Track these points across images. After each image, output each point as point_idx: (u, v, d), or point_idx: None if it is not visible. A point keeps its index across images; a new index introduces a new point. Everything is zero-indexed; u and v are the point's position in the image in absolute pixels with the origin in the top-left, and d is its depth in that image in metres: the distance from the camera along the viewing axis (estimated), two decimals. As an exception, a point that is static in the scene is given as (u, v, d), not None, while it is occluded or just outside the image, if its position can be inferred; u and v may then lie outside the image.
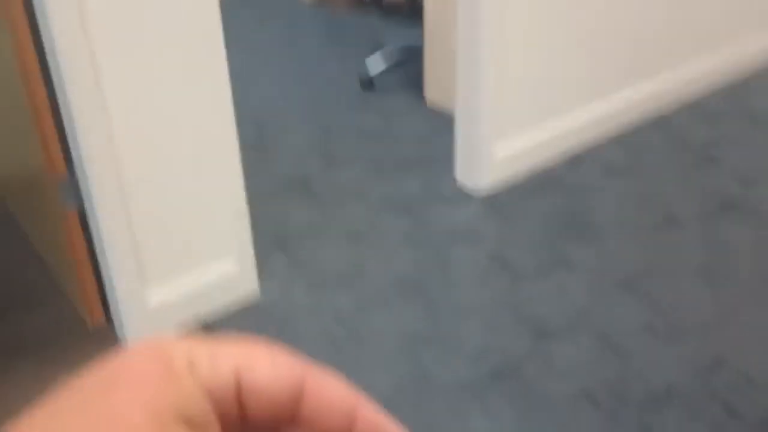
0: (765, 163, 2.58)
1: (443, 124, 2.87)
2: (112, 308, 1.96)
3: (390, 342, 1.96)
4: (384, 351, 1.93)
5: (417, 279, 2.17)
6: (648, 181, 2.53)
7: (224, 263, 2.03)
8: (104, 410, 0.24)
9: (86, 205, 1.80)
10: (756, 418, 1.71)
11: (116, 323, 1.97)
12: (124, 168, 1.76)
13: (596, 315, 2.01)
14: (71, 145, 1.74)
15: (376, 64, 3.14)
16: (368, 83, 3.15)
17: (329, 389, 0.28)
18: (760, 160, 2.60)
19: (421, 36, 2.96)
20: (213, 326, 2.02)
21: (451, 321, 2.01)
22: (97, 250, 1.86)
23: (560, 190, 2.51)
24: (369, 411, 0.29)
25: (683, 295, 2.06)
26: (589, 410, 1.75)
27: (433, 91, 3.00)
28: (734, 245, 2.22)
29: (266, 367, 0.27)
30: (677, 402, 1.76)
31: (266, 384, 0.27)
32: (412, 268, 2.21)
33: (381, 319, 2.03)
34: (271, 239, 2.34)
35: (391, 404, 1.78)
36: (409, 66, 3.20)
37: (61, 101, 1.69)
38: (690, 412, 1.73)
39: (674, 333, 1.94)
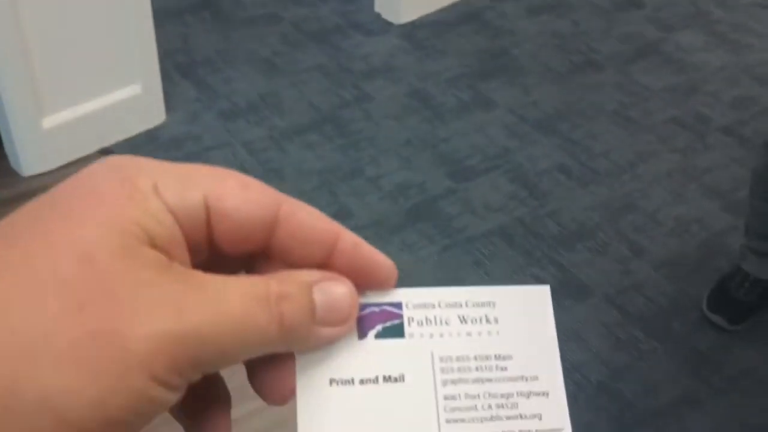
0: (684, 9, 2.57)
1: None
2: (2, 132, 1.80)
3: (306, 177, 1.90)
4: (300, 186, 1.87)
5: (333, 113, 2.08)
6: (570, 22, 2.48)
7: (128, 87, 1.88)
8: (64, 230, 0.22)
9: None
10: (658, 257, 1.78)
11: (7, 147, 1.82)
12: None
13: (513, 155, 2.00)
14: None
15: None
16: None
17: (305, 216, 0.26)
18: (679, 5, 2.59)
19: None
20: (114, 153, 1.89)
21: (369, 157, 1.96)
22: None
23: (482, 26, 2.43)
24: (348, 239, 0.26)
25: (599, 138, 2.07)
26: (504, 247, 1.77)
27: None
28: (650, 90, 2.24)
29: (238, 192, 0.25)
30: (587, 241, 1.80)
31: (237, 208, 0.25)
32: (329, 101, 2.12)
33: (296, 154, 1.96)
34: (176, 65, 2.18)
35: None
36: None
37: None
38: (598, 251, 1.79)
39: (588, 175, 1.97)
